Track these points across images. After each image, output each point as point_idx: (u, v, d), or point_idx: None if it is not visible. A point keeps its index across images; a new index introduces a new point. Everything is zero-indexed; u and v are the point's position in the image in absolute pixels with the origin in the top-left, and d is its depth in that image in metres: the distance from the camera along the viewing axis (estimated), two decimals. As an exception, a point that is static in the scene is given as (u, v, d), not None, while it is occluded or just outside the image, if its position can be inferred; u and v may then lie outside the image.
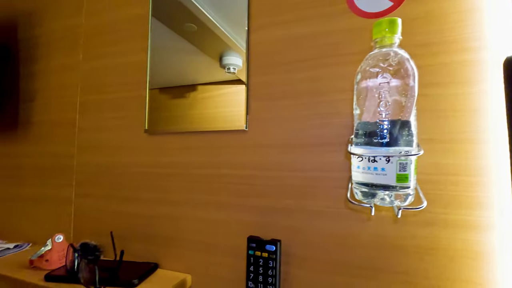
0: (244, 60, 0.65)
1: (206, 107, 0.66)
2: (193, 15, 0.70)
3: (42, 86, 0.81)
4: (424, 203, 0.37)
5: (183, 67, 0.69)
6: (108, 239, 0.69)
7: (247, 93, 0.58)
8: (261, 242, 0.51)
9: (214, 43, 0.69)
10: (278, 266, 0.49)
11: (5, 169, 0.84)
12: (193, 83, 0.69)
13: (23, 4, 0.87)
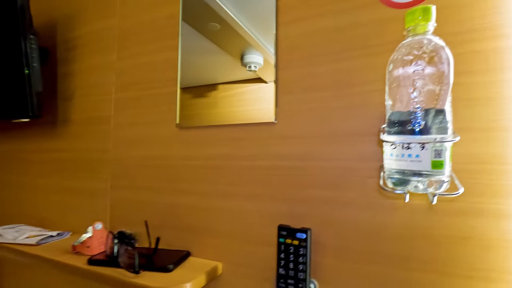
0: (265, 58, 0.66)
1: (227, 106, 0.68)
2: (217, 14, 0.72)
3: (79, 86, 0.87)
4: (460, 189, 0.37)
5: (204, 66, 0.71)
6: (142, 228, 0.73)
7: (276, 86, 0.60)
8: (292, 230, 0.52)
9: (236, 42, 0.71)
10: (308, 253, 0.51)
11: (47, 163, 0.90)
12: (213, 83, 0.72)
13: (61, 10, 0.93)
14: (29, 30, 0.77)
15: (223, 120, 0.66)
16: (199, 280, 0.56)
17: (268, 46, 0.66)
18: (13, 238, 0.75)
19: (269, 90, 0.62)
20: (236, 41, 0.70)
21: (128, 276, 0.55)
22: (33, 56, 0.78)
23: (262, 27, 0.65)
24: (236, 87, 0.68)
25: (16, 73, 0.78)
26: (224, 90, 0.70)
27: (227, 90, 0.69)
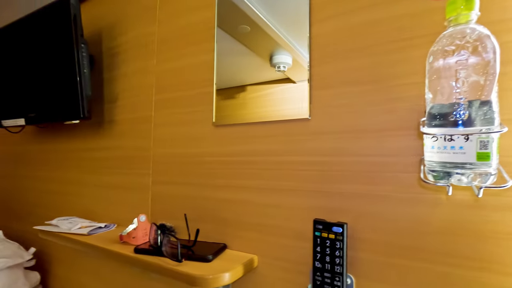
0: (294, 58, 0.67)
1: (256, 106, 0.70)
2: (248, 17, 0.74)
3: (122, 89, 0.94)
4: (509, 182, 0.36)
5: (234, 68, 0.74)
6: (179, 221, 0.77)
7: (310, 83, 0.61)
8: (328, 224, 0.53)
9: (266, 43, 0.73)
10: (345, 247, 0.51)
11: (95, 161, 0.98)
12: (242, 84, 0.74)
13: (105, 20, 1.01)
14: (80, 40, 0.84)
15: (255, 119, 0.68)
16: (237, 271, 0.58)
17: (298, 45, 0.67)
18: (68, 228, 0.83)
19: (298, 90, 0.64)
20: (266, 42, 0.72)
21: (172, 264, 0.59)
22: (83, 63, 0.85)
23: (292, 27, 0.66)
24: (264, 88, 0.70)
25: (68, 78, 0.87)
26: (253, 91, 0.72)
27: (255, 91, 0.71)
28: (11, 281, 0.96)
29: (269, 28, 0.72)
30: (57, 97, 0.91)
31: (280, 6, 0.67)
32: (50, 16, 0.89)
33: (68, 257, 1.03)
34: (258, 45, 0.73)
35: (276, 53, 0.71)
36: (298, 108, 0.63)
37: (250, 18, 0.73)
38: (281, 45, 0.71)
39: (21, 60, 1.01)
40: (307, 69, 0.61)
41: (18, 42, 1.01)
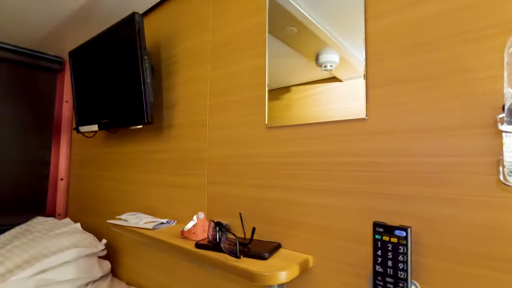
0: (341, 56, 0.66)
1: (302, 107, 0.70)
2: (295, 18, 0.75)
3: (180, 95, 1.01)
4: None
5: (280, 70, 0.75)
6: (234, 220, 0.81)
7: (366, 81, 0.59)
8: (389, 227, 0.51)
9: (312, 43, 0.72)
10: (409, 252, 0.49)
11: (156, 162, 1.08)
12: (287, 85, 0.74)
13: (163, 32, 1.10)
14: (144, 52, 0.93)
15: (307, 120, 0.68)
16: (293, 270, 0.59)
17: (346, 43, 0.66)
18: (135, 223, 0.92)
19: (345, 88, 0.62)
20: (312, 42, 0.72)
21: (231, 260, 0.62)
22: (147, 73, 0.94)
23: (342, 25, 0.65)
24: (309, 88, 0.70)
25: (134, 88, 0.96)
26: (298, 91, 0.72)
27: (300, 91, 0.71)
28: (89, 267, 1.10)
29: (316, 28, 0.72)
30: (125, 104, 1.02)
31: (330, 5, 0.67)
32: (119, 32, 1.00)
33: (134, 249, 1.14)
34: (304, 46, 0.74)
35: (323, 52, 0.71)
36: (347, 107, 0.62)
37: (297, 19, 0.74)
38: (328, 44, 0.70)
39: (95, 72, 1.15)
40: (363, 66, 0.60)
41: (93, 57, 1.16)
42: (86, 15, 1.17)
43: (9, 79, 1.49)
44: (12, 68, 1.50)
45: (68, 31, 1.32)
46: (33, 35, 1.37)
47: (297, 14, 0.74)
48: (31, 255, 1.01)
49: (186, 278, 0.92)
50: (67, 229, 1.20)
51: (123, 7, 1.10)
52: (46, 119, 1.61)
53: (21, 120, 1.52)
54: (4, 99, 1.46)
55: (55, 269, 1.01)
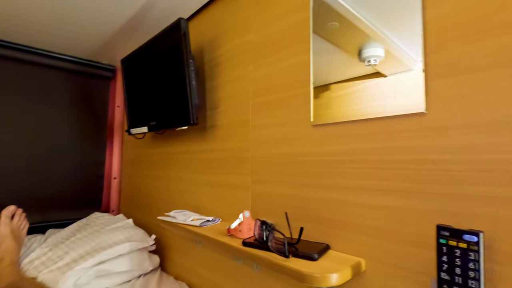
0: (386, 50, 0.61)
1: (342, 105, 0.67)
2: (337, 13, 0.72)
3: (222, 96, 1.03)
4: None
5: (320, 67, 0.73)
6: (279, 219, 0.80)
7: (425, 73, 0.55)
8: (456, 231, 0.46)
9: (355, 37, 0.69)
10: (481, 259, 0.44)
11: (200, 161, 1.11)
12: (326, 83, 0.72)
13: (206, 36, 1.13)
14: (189, 56, 0.97)
15: (354, 117, 0.66)
16: (345, 273, 0.57)
17: (392, 36, 0.63)
18: (183, 220, 0.96)
19: (390, 84, 0.59)
20: (355, 36, 0.69)
21: (279, 259, 0.62)
22: (191, 76, 0.98)
23: (387, 16, 0.61)
24: (349, 86, 0.67)
25: (180, 90, 1.00)
26: (337, 89, 0.70)
27: (340, 89, 0.69)
28: (140, 261, 1.17)
29: (359, 21, 0.69)
30: (172, 107, 1.07)
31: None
32: (166, 38, 1.06)
33: (181, 245, 1.19)
34: (346, 41, 0.71)
35: (366, 46, 0.67)
36: (393, 103, 0.59)
37: (340, 13, 0.71)
38: (372, 37, 0.67)
39: (145, 78, 1.22)
40: (421, 57, 0.55)
41: (143, 63, 1.23)
42: (136, 25, 1.25)
43: (69, 87, 1.65)
44: (72, 77, 1.66)
45: (119, 40, 1.42)
46: (89, 47, 1.51)
47: (339, 8, 0.72)
48: (91, 247, 1.11)
49: (231, 274, 0.94)
50: (121, 224, 1.30)
51: (169, 13, 1.16)
52: (101, 123, 1.76)
53: (80, 124, 1.68)
54: (65, 106, 1.62)
55: (112, 260, 1.09)
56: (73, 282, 0.99)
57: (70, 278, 0.99)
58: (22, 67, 1.48)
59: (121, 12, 1.15)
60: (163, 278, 1.17)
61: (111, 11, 1.14)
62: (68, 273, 0.99)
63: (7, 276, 0.98)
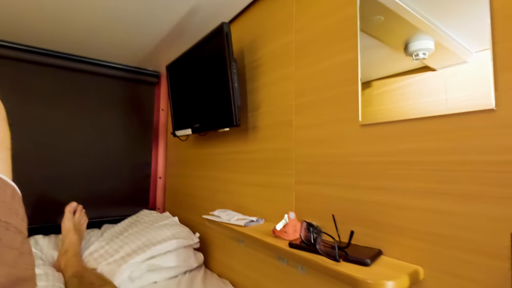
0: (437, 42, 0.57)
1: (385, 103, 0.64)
2: (382, 5, 0.69)
3: (263, 97, 1.04)
4: None
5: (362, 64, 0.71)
6: (325, 221, 0.78)
7: (494, 64, 0.50)
8: (538, 241, 0.41)
9: (401, 30, 0.65)
10: None
11: (242, 162, 1.13)
12: (367, 80, 0.69)
13: (246, 39, 1.15)
14: (232, 59, 0.99)
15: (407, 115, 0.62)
16: (402, 281, 0.54)
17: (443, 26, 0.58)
18: (227, 219, 0.98)
19: (440, 78, 0.55)
20: (401, 29, 0.65)
21: (328, 262, 0.60)
22: (234, 79, 1.00)
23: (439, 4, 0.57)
24: (392, 82, 0.64)
25: (223, 93, 1.03)
26: (379, 86, 0.67)
27: (382, 86, 0.66)
28: (186, 257, 1.22)
29: (407, 12, 0.65)
30: (215, 109, 1.10)
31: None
32: (209, 42, 1.09)
33: (223, 244, 1.22)
34: (391, 35, 0.67)
35: (414, 39, 0.63)
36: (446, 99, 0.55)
37: (385, 6, 0.68)
38: (421, 29, 0.63)
39: (189, 82, 1.28)
40: (489, 47, 0.50)
41: (187, 68, 1.29)
42: (179, 31, 1.31)
43: (119, 93, 1.78)
44: (121, 84, 1.78)
45: (164, 47, 1.50)
46: (136, 55, 1.61)
47: (385, 0, 0.68)
48: (142, 242, 1.18)
49: (274, 275, 0.94)
50: (168, 222, 1.36)
51: (210, 18, 1.19)
52: (147, 126, 1.87)
53: (128, 128, 1.80)
54: (115, 111, 1.76)
55: (161, 256, 1.15)
56: (128, 274, 1.06)
57: (125, 270, 1.06)
58: (77, 76, 1.63)
59: (166, 20, 1.21)
60: (207, 275, 1.21)
61: (157, 21, 1.21)
62: (124, 266, 1.06)
63: (72, 266, 1.09)
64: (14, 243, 0.21)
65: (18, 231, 0.22)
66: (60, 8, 1.12)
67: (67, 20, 1.21)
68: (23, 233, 0.23)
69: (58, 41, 1.41)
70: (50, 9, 1.12)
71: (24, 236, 0.23)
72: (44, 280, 0.94)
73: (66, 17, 1.18)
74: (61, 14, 1.16)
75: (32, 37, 1.38)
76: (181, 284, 1.12)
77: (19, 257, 0.22)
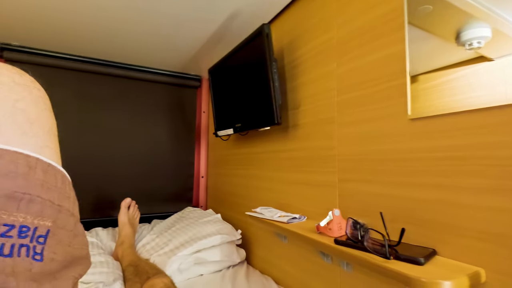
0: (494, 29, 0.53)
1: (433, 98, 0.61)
2: None
3: (304, 96, 1.04)
4: None
5: None
6: (371, 219, 0.76)
7: None
8: None
9: (452, 18, 0.61)
10: None
11: (283, 160, 1.14)
12: (413, 74, 0.66)
13: (285, 39, 1.16)
14: (272, 58, 1.01)
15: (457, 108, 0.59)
16: (460, 281, 0.51)
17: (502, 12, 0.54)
18: (270, 216, 1.00)
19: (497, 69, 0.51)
20: (452, 17, 0.61)
21: (378, 260, 0.59)
22: (275, 78, 1.02)
23: None
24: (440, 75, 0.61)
25: (264, 92, 1.05)
26: (426, 81, 0.64)
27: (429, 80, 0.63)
28: (229, 253, 1.27)
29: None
30: (256, 109, 1.13)
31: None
32: (250, 44, 1.13)
33: (264, 241, 1.24)
34: (441, 24, 0.64)
35: (467, 27, 0.59)
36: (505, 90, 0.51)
37: None
38: (475, 16, 0.59)
39: (230, 83, 1.33)
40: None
41: (228, 70, 1.34)
42: (220, 35, 1.37)
43: (165, 97, 1.90)
44: (166, 88, 1.90)
45: (205, 52, 1.58)
46: (180, 61, 1.71)
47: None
48: (189, 236, 1.25)
49: (317, 272, 0.93)
50: (211, 218, 1.43)
51: (250, 21, 1.23)
52: (189, 127, 1.97)
53: (173, 130, 1.91)
54: (161, 114, 1.88)
55: (206, 250, 1.21)
56: (177, 266, 1.13)
57: (175, 262, 1.13)
58: (127, 83, 1.78)
59: (208, 26, 1.27)
60: (249, 271, 1.24)
61: (199, 27, 1.28)
62: (173, 258, 1.14)
63: (128, 256, 1.19)
64: (68, 224, 0.23)
65: (70, 214, 0.23)
66: (112, 19, 1.23)
67: (119, 31, 1.33)
68: (75, 216, 0.24)
69: (112, 51, 1.56)
70: (103, 22, 1.25)
71: (76, 218, 0.24)
72: (105, 267, 1.05)
73: (118, 28, 1.30)
74: (113, 25, 1.28)
75: (90, 50, 1.54)
76: (225, 278, 1.17)
77: (73, 238, 0.23)
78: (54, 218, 0.22)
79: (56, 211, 0.22)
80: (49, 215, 0.21)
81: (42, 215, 0.21)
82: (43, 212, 0.21)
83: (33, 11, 1.15)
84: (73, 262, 0.23)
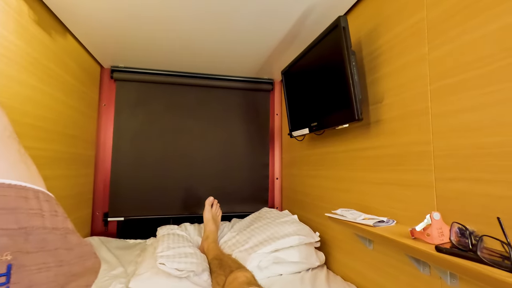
0: None
1: None
2: None
3: (387, 88, 0.95)
4: None
5: None
6: (481, 226, 0.64)
7: None
8: None
9: None
10: None
11: (364, 159, 1.06)
12: None
13: (363, 30, 1.09)
14: (350, 51, 0.96)
15: None
16: None
17: None
18: (352, 218, 0.94)
19: None
20: None
21: (500, 274, 0.49)
22: (354, 71, 0.96)
23: None
24: None
25: (343, 88, 1.00)
26: None
27: None
28: (308, 255, 1.24)
29: None
30: (334, 106, 1.09)
31: None
32: (325, 39, 1.09)
33: (345, 245, 1.17)
34: None
35: None
36: None
37: None
38: None
39: (305, 82, 1.31)
40: None
41: (302, 69, 1.33)
42: (292, 38, 1.37)
43: (240, 102, 1.99)
44: (241, 94, 2.00)
45: (277, 56, 1.60)
46: (253, 67, 1.78)
47: None
48: (267, 235, 1.27)
49: (411, 284, 0.83)
50: (288, 219, 1.42)
51: (323, 17, 1.20)
52: (264, 130, 2.03)
53: (249, 133, 1.99)
54: (237, 118, 1.98)
55: (284, 250, 1.21)
56: (257, 263, 1.16)
57: (254, 259, 1.17)
58: (207, 91, 1.93)
59: (280, 28, 1.28)
60: (330, 276, 1.18)
61: (272, 28, 1.30)
62: (253, 255, 1.17)
63: (213, 250, 1.28)
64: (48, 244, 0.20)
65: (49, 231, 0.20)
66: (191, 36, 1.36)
67: (198, 42, 1.46)
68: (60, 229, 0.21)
69: (193, 64, 1.73)
70: (183, 35, 1.39)
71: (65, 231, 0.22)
72: (195, 258, 1.14)
73: (197, 39, 1.43)
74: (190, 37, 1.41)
75: (176, 64, 1.73)
76: (304, 280, 1.14)
77: (67, 254, 0.21)
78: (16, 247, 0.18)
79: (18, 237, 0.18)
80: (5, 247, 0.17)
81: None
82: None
83: (133, 38, 1.36)
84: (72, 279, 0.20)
